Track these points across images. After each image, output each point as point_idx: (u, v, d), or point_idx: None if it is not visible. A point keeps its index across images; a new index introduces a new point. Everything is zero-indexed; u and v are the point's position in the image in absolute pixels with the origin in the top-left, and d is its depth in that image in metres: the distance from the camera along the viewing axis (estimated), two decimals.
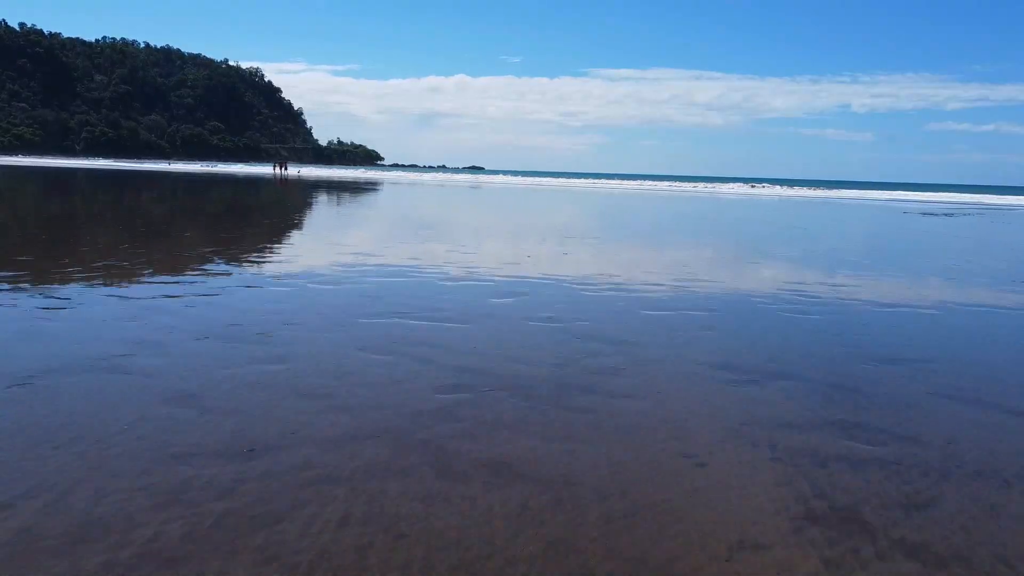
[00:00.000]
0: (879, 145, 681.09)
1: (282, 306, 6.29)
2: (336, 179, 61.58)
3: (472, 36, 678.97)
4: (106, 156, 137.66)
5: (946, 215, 32.37)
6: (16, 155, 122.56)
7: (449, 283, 7.82)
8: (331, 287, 7.32)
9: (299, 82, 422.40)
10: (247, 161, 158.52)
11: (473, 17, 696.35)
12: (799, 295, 7.98)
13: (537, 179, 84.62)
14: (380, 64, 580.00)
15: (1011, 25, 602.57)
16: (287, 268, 8.64)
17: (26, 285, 6.85)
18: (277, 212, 21.30)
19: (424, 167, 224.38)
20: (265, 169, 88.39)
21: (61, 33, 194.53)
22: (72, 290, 6.66)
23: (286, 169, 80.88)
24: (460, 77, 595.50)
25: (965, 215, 33.13)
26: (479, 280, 8.10)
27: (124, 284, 7.14)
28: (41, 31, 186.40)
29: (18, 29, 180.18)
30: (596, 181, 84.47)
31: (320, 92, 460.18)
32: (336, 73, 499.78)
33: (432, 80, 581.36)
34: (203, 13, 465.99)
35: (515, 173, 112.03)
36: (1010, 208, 46.74)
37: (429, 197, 33.81)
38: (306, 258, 9.90)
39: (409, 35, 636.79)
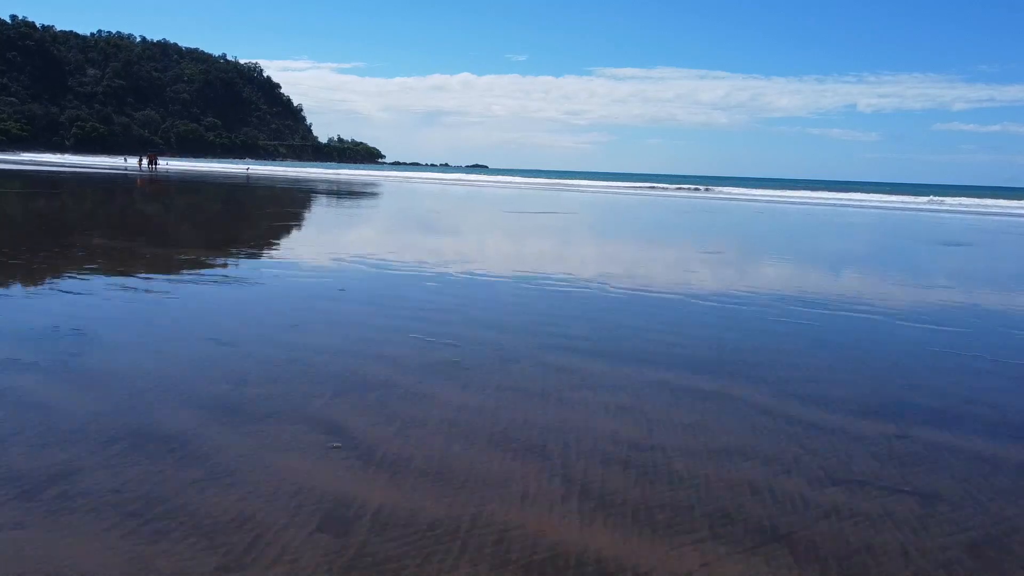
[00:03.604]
0: (885, 145, 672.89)
1: None
2: (295, 179, 52.18)
3: (477, 35, 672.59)
4: (96, 152, 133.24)
5: None
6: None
7: None
8: None
9: (303, 80, 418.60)
10: (243, 158, 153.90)
11: (478, 16, 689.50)
12: None
13: (543, 180, 79.47)
14: (385, 62, 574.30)
15: (1017, 25, 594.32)
16: None
17: None
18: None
19: (426, 165, 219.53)
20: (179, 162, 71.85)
21: (54, 26, 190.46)
22: None
23: (155, 164, 65.09)
24: (465, 75, 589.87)
25: None
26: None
27: None
28: (33, 24, 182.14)
29: (9, 21, 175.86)
30: (610, 183, 77.99)
31: (324, 90, 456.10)
32: (341, 71, 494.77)
33: (437, 78, 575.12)
34: (206, 12, 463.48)
35: (518, 172, 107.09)
36: None
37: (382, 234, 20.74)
38: None
39: (414, 33, 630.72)
